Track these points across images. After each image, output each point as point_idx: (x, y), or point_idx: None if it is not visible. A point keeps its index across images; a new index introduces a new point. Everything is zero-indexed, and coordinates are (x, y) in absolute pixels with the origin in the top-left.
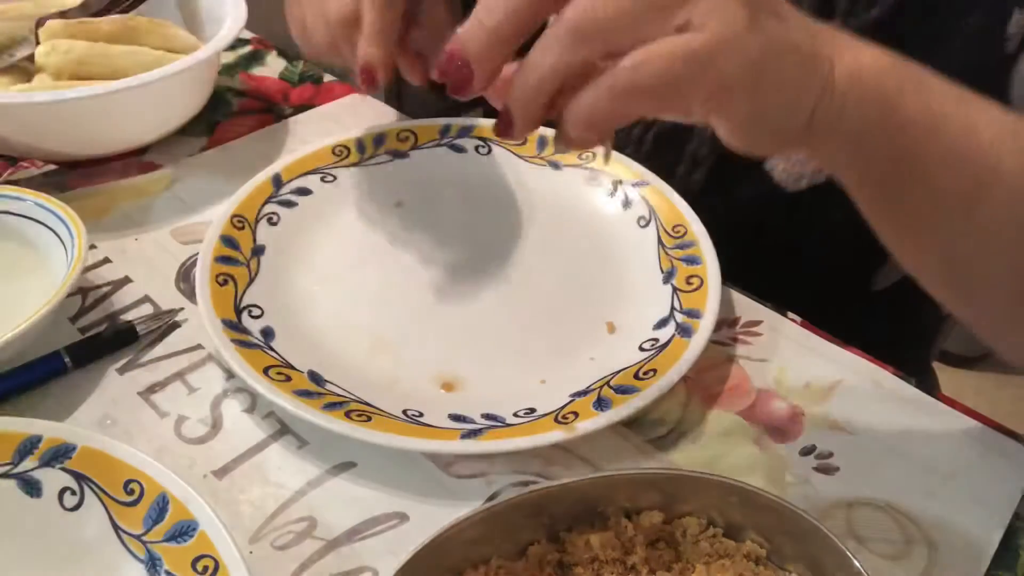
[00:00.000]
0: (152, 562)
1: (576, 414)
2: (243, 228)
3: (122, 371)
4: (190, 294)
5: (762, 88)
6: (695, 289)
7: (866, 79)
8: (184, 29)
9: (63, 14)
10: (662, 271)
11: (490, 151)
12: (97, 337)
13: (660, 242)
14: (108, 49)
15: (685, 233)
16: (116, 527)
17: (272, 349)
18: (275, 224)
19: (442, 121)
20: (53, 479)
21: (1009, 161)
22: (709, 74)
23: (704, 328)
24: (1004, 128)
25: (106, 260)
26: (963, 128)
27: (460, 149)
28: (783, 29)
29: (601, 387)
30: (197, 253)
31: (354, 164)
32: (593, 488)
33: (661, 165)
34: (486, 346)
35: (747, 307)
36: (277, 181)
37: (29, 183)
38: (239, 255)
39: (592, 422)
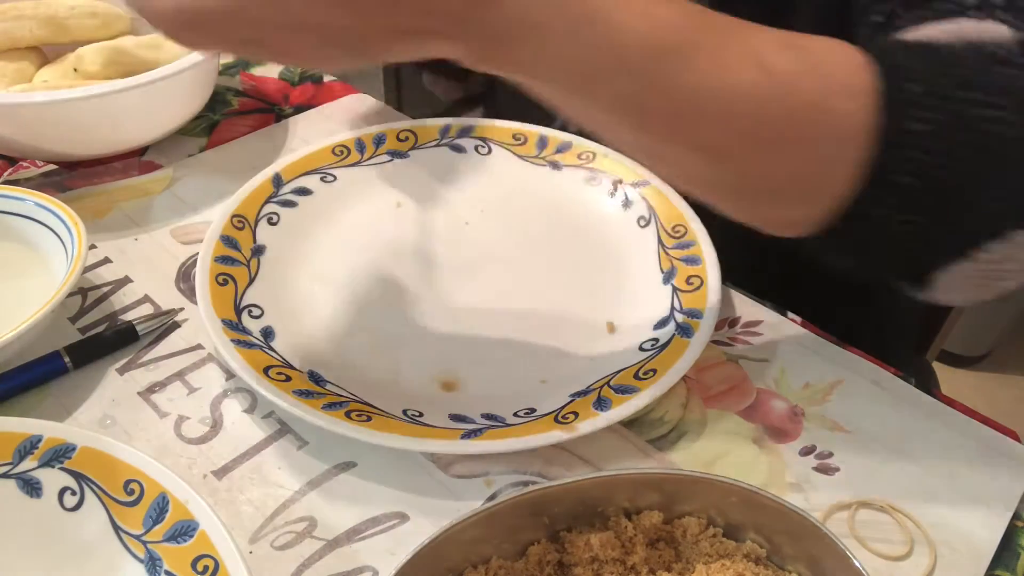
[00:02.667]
0: (152, 562)
1: (576, 414)
2: (243, 228)
3: (122, 371)
4: (190, 294)
5: None
6: (695, 289)
7: None
8: None
9: None
10: (662, 271)
11: (490, 151)
12: (97, 337)
13: (660, 242)
14: (140, 50)
15: (685, 233)
16: (116, 527)
17: (272, 349)
18: (275, 224)
19: (442, 121)
20: (53, 479)
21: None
22: None
23: (704, 328)
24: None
25: (106, 260)
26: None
27: (460, 149)
28: None
29: (601, 387)
30: (197, 253)
31: (354, 164)
32: (593, 488)
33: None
34: (486, 346)
35: (747, 307)
36: (277, 181)
37: (29, 183)
38: (239, 255)
39: (592, 422)
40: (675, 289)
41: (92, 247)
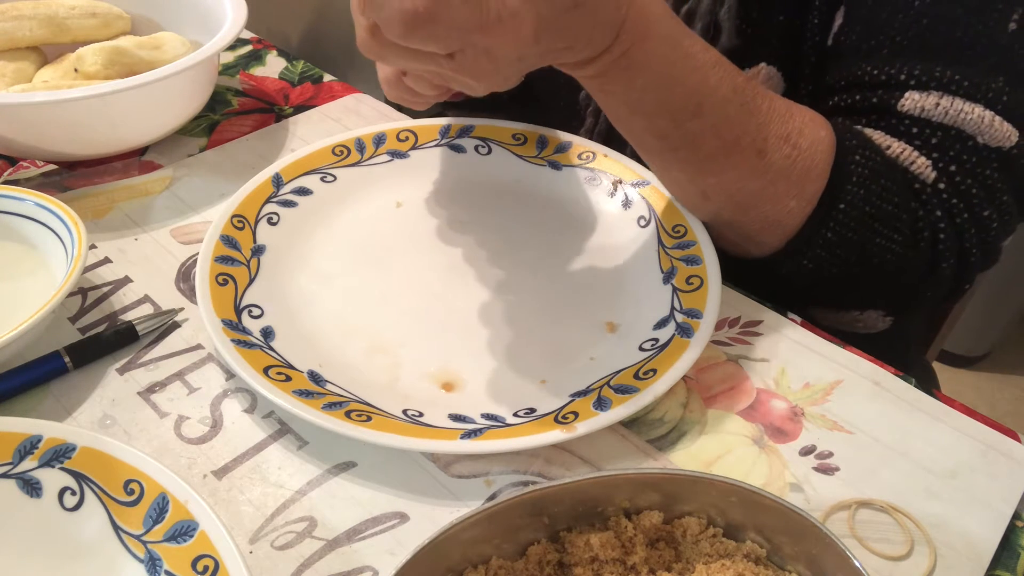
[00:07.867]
0: (152, 562)
1: (576, 414)
2: (243, 228)
3: (122, 371)
4: (190, 294)
5: None
6: (695, 289)
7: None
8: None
9: None
10: (662, 271)
11: (490, 151)
12: (97, 337)
13: (660, 242)
14: (140, 50)
15: (685, 233)
16: (116, 527)
17: (272, 349)
18: (275, 224)
19: (442, 121)
20: (53, 479)
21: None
22: None
23: (704, 328)
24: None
25: (106, 260)
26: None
27: (460, 149)
28: None
29: (601, 387)
30: (197, 253)
31: (354, 164)
32: (593, 488)
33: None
34: (486, 346)
35: (747, 307)
36: (277, 181)
37: (29, 183)
38: (239, 255)
39: (592, 422)
40: (675, 289)
41: (92, 247)
